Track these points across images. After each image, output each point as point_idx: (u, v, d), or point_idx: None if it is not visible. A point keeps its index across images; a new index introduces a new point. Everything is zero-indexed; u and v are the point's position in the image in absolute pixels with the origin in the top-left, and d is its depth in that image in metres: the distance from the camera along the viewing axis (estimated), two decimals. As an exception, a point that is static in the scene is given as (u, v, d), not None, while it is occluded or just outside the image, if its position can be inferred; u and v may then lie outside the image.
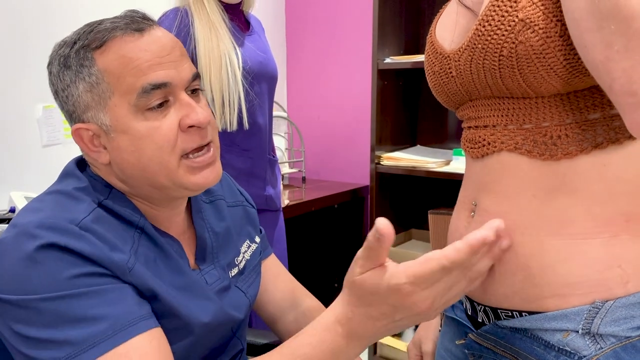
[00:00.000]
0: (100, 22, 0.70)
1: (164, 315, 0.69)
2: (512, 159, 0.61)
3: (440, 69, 0.67)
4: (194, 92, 0.73)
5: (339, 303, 0.62)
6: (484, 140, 0.64)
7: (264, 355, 0.64)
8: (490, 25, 0.56)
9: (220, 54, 1.43)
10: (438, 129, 2.19)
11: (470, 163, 0.69)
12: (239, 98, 1.47)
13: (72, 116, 0.71)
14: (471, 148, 0.67)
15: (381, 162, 2.01)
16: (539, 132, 0.58)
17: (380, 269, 0.57)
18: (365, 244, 0.58)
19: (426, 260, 0.54)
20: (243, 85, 1.48)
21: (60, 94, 0.71)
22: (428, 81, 0.72)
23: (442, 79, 0.67)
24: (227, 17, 1.49)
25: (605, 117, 0.55)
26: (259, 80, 1.56)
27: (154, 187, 0.71)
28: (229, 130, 1.49)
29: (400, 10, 2.01)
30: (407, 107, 2.16)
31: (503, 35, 0.55)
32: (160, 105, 0.68)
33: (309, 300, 1.01)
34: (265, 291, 0.97)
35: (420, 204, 2.20)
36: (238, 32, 1.53)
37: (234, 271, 0.85)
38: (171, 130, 0.68)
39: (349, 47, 2.47)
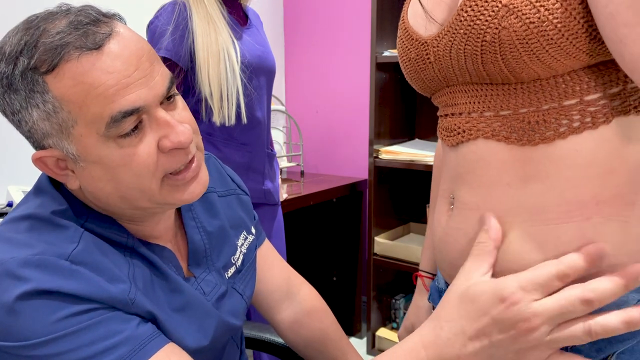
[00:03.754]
0: (43, 32, 0.57)
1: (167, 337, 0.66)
2: (487, 147, 0.60)
3: (417, 55, 0.66)
4: (170, 98, 0.64)
5: (428, 320, 0.55)
6: (459, 127, 0.63)
7: None
8: (473, 10, 0.55)
9: (218, 47, 1.42)
10: (437, 123, 2.18)
11: (447, 153, 0.69)
12: (237, 92, 1.47)
13: (30, 141, 0.62)
14: (447, 136, 0.66)
15: (379, 156, 2.00)
16: (517, 119, 0.58)
17: (488, 274, 0.53)
18: (477, 249, 0.55)
19: (540, 265, 0.51)
20: (241, 79, 1.47)
21: (11, 117, 0.60)
22: (402, 68, 0.71)
23: (418, 65, 0.66)
24: (225, 11, 1.49)
25: (581, 103, 0.55)
26: (258, 74, 1.55)
27: (135, 209, 0.65)
28: (227, 124, 1.49)
29: (398, 3, 2.00)
30: (406, 100, 2.15)
31: (487, 20, 0.54)
32: (135, 128, 0.59)
33: (305, 288, 0.98)
34: (260, 282, 0.93)
35: (418, 197, 2.20)
36: (236, 25, 1.53)
37: (231, 271, 0.81)
38: (150, 156, 0.60)
39: (347, 40, 2.47)
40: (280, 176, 1.83)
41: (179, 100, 0.66)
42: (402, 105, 2.14)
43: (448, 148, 0.67)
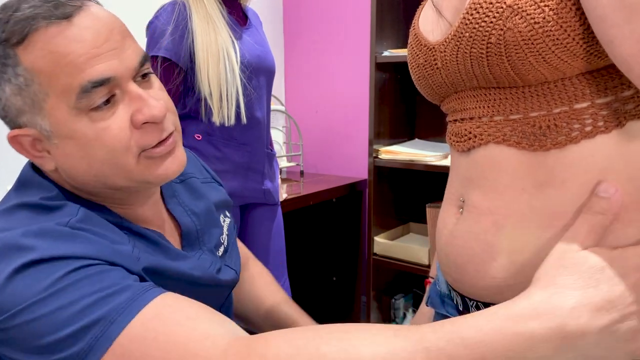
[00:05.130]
0: (17, 8, 0.57)
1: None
2: (499, 152, 0.60)
3: (425, 61, 0.66)
4: (145, 76, 0.64)
5: (536, 287, 0.47)
6: (470, 132, 0.63)
7: (425, 326, 0.48)
8: (478, 13, 0.55)
9: (218, 47, 1.43)
10: (436, 122, 2.18)
11: (456, 157, 0.68)
12: (237, 92, 1.47)
13: (5, 120, 0.63)
14: (457, 142, 0.66)
15: (379, 156, 2.00)
16: (527, 123, 0.57)
17: (608, 247, 0.48)
18: (589, 217, 0.50)
19: None
20: (241, 79, 1.47)
21: None
22: (411, 74, 0.71)
23: (426, 71, 0.66)
24: (225, 11, 1.49)
25: (593, 106, 0.55)
26: (257, 74, 1.55)
27: (112, 189, 0.64)
28: (226, 124, 1.49)
29: (398, 3, 2.00)
30: (405, 100, 2.15)
31: (491, 22, 0.54)
32: (107, 102, 0.59)
33: (252, 262, 1.01)
34: None
35: (418, 197, 2.20)
36: (236, 25, 1.53)
37: (221, 250, 0.82)
38: (122, 130, 0.60)
39: (347, 40, 2.47)
40: (280, 176, 1.83)
41: (156, 81, 0.66)
42: (401, 105, 2.13)
43: (457, 153, 0.67)
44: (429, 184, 2.17)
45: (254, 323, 0.98)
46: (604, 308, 0.44)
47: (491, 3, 0.54)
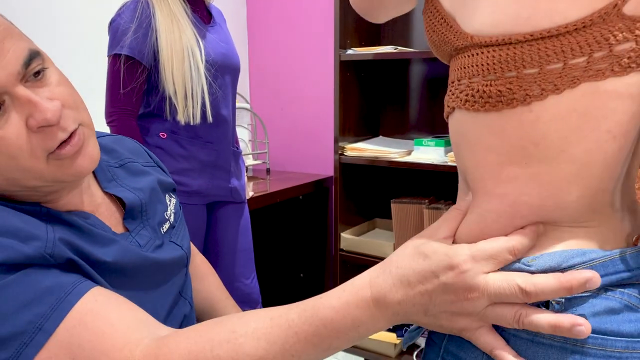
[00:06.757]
0: None
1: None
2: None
3: None
4: (38, 74, 0.59)
5: (381, 262, 0.56)
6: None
7: (288, 306, 0.57)
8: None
9: (182, 46, 1.42)
10: (400, 120, 2.22)
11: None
12: (203, 91, 1.47)
13: None
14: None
15: (345, 153, 2.03)
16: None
17: (446, 240, 0.54)
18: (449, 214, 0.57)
19: (495, 238, 0.52)
20: (206, 78, 1.47)
21: None
22: None
23: None
24: (189, 9, 1.48)
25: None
26: (223, 72, 1.55)
27: (27, 190, 0.62)
28: (192, 123, 1.48)
29: (361, 2, 2.03)
30: (370, 98, 2.18)
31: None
32: None
33: (197, 258, 1.01)
34: None
35: (383, 193, 2.23)
36: (200, 23, 1.52)
37: (166, 226, 0.80)
38: (20, 137, 0.57)
39: (311, 38, 2.48)
40: (246, 174, 1.83)
41: (53, 75, 0.62)
42: (366, 103, 2.16)
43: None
44: (394, 180, 2.21)
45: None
46: (419, 293, 0.52)
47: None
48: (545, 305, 0.50)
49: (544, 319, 0.48)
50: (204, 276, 1.01)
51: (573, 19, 0.45)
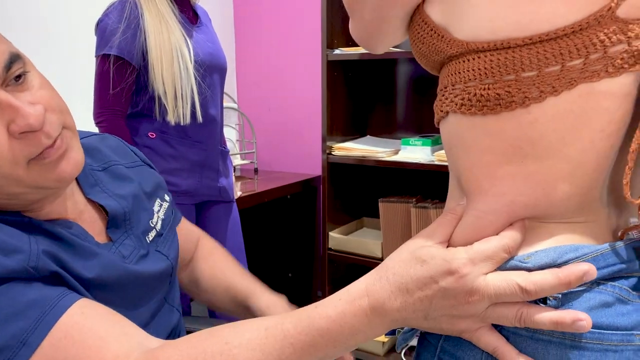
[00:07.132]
0: None
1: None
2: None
3: None
4: (19, 78, 0.57)
5: (376, 269, 0.55)
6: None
7: (282, 315, 0.56)
8: None
9: (171, 46, 1.42)
10: (387, 120, 2.24)
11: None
12: (192, 91, 1.47)
13: None
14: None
15: (332, 153, 2.04)
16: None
17: (442, 244, 0.54)
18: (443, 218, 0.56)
19: (488, 238, 0.52)
20: (195, 78, 1.48)
21: None
22: None
23: None
24: (176, 9, 1.48)
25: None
26: (211, 72, 1.56)
27: (11, 197, 0.60)
28: (182, 123, 1.49)
29: (348, 3, 2.04)
30: (357, 98, 2.20)
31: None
32: None
33: (203, 241, 1.02)
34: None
35: (371, 192, 2.25)
36: (187, 23, 1.53)
37: (152, 235, 0.78)
38: (1, 144, 0.55)
39: (298, 38, 2.49)
40: (233, 174, 1.84)
41: (35, 79, 0.60)
42: (353, 103, 2.18)
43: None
44: (381, 180, 2.23)
45: (216, 300, 0.99)
46: (418, 299, 0.51)
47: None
48: (542, 301, 0.51)
49: (545, 316, 0.49)
50: (207, 255, 1.01)
51: (571, 22, 0.46)
